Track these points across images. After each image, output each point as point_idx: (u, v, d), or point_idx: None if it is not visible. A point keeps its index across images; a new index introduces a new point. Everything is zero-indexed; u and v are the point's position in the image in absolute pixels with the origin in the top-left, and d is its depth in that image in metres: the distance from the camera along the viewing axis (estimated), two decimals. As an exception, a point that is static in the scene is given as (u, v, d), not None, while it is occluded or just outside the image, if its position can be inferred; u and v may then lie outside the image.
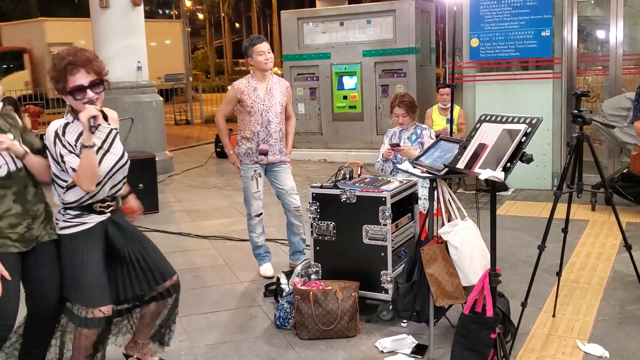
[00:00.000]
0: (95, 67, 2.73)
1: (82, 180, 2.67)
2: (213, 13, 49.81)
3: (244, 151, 4.71)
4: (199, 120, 19.28)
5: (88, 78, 2.71)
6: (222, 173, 9.76)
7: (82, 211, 2.81)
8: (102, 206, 2.84)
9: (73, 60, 2.68)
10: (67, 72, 2.67)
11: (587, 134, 3.35)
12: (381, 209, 3.73)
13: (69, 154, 2.70)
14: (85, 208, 2.81)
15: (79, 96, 2.70)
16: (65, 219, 2.82)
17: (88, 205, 2.81)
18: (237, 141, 4.79)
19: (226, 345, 3.63)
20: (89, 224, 2.82)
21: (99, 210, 2.83)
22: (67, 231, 2.81)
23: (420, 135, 4.64)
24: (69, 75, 2.68)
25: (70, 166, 2.68)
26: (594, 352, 3.35)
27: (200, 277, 4.83)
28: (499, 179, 2.61)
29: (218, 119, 4.87)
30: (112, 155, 2.83)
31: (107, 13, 9.17)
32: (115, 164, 2.83)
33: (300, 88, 10.56)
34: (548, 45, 7.28)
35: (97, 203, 2.82)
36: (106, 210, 2.86)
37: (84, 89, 2.70)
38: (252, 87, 4.60)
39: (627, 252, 3.59)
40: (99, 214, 2.84)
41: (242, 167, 4.75)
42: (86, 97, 2.70)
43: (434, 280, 3.28)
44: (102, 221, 2.85)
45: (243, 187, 4.83)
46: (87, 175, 2.67)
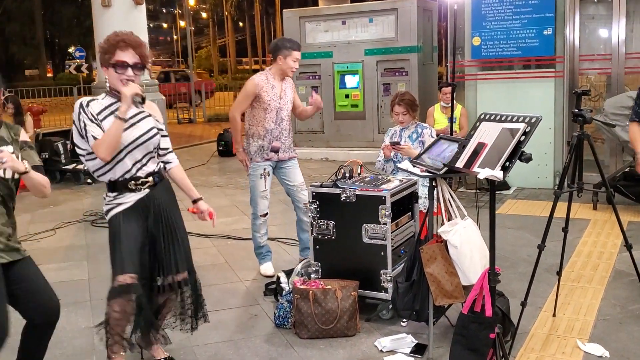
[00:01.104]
0: (142, 52, 2.95)
1: (100, 147, 2.83)
2: (216, 12, 49.83)
3: (255, 149, 4.68)
4: (202, 119, 19.29)
5: (134, 58, 2.91)
6: (224, 172, 9.76)
7: (119, 191, 2.96)
8: (137, 184, 2.97)
9: (127, 39, 2.92)
10: (117, 46, 2.89)
11: (587, 132, 3.34)
12: (381, 208, 3.72)
13: (92, 123, 2.87)
14: (120, 186, 2.95)
15: (120, 70, 2.89)
16: (107, 201, 3.01)
17: (122, 182, 2.95)
18: (246, 138, 4.75)
19: (225, 345, 3.63)
20: (126, 203, 2.96)
21: (135, 188, 2.96)
22: (110, 214, 2.99)
23: (421, 134, 4.63)
24: (119, 50, 2.89)
25: (92, 134, 2.86)
26: (594, 351, 3.34)
27: (200, 276, 4.77)
28: (498, 178, 2.61)
29: (235, 115, 4.76)
30: (137, 129, 2.97)
31: (109, 12, 9.16)
32: (140, 137, 2.96)
33: (302, 87, 10.54)
34: (550, 43, 7.26)
35: (130, 181, 2.95)
36: (142, 187, 2.99)
37: (127, 65, 2.89)
38: (270, 85, 4.60)
39: (628, 251, 3.57)
40: (134, 192, 2.97)
41: (252, 165, 4.72)
42: (125, 73, 2.89)
43: (434, 279, 3.28)
44: (141, 199, 2.98)
45: (250, 186, 4.79)
46: (108, 143, 2.83)
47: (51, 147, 8.91)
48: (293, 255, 5.18)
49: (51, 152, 8.91)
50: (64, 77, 30.27)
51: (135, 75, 2.92)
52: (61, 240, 6.04)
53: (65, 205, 7.51)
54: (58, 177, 8.95)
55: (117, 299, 2.94)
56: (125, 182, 2.97)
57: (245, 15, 52.92)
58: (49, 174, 8.96)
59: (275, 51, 4.57)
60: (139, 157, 2.98)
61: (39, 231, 6.28)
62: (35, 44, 36.92)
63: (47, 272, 4.94)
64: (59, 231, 6.35)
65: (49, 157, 8.92)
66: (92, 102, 2.94)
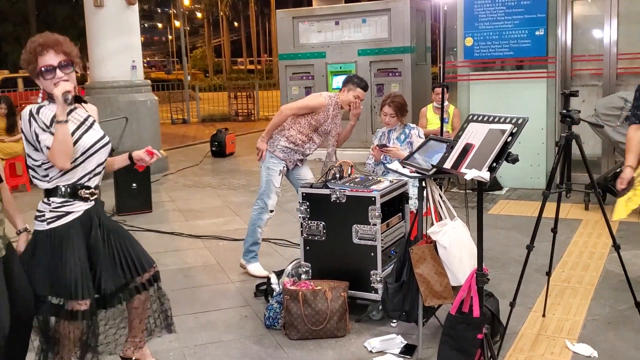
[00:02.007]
0: (65, 48, 2.79)
1: (56, 157, 2.67)
2: (211, 12, 49.78)
3: (282, 147, 4.68)
4: (196, 120, 19.26)
5: (57, 58, 2.76)
6: (217, 172, 9.75)
7: (67, 197, 2.78)
8: (87, 193, 2.83)
9: (42, 42, 2.76)
10: (37, 53, 2.74)
11: (576, 133, 3.34)
12: (371, 208, 3.72)
13: (43, 132, 2.71)
14: (72, 194, 2.79)
15: (48, 76, 2.75)
16: (52, 208, 2.78)
17: (73, 188, 2.79)
18: (278, 137, 4.70)
19: (215, 346, 3.62)
20: (75, 213, 2.79)
21: (85, 196, 2.82)
22: (53, 224, 2.76)
23: (408, 135, 4.63)
24: (39, 56, 2.74)
25: (45, 145, 2.70)
26: (582, 352, 3.34)
27: (191, 277, 4.83)
28: (485, 179, 2.61)
29: (287, 114, 4.66)
30: (94, 132, 2.86)
31: (101, 12, 9.16)
32: (97, 142, 2.85)
33: (296, 87, 10.55)
34: (542, 44, 7.28)
35: (82, 188, 2.81)
36: (91, 197, 2.85)
37: (53, 68, 2.75)
38: (337, 111, 4.65)
39: (621, 251, 3.57)
40: (84, 201, 2.82)
41: (273, 160, 4.70)
42: (56, 77, 2.75)
43: (423, 280, 3.28)
44: (88, 210, 2.83)
45: (266, 179, 4.71)
46: (61, 150, 2.67)
47: (43, 147, 8.85)
48: (284, 256, 5.17)
49: (43, 153, 8.85)
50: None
51: (66, 75, 2.76)
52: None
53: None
54: (50, 177, 8.89)
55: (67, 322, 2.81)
56: (77, 189, 2.80)
57: (240, 15, 52.89)
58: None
59: (346, 82, 4.64)
60: (92, 167, 2.85)
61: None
62: (29, 44, 36.77)
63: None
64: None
65: (41, 158, 8.86)
66: (42, 108, 2.77)
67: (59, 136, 2.66)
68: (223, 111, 20.16)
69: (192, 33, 57.84)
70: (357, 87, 4.57)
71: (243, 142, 13.08)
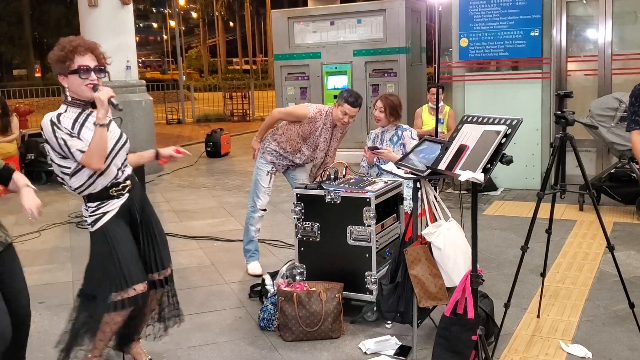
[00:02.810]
0: (100, 55, 2.89)
1: (92, 159, 2.75)
2: (207, 12, 49.71)
3: (272, 150, 4.69)
4: (191, 120, 19.23)
5: (94, 62, 2.84)
6: (212, 173, 9.73)
7: (101, 200, 2.89)
8: (118, 190, 2.92)
9: (83, 44, 2.84)
10: (76, 52, 2.80)
11: (570, 134, 3.34)
12: (365, 209, 3.71)
13: (71, 138, 2.78)
14: (101, 196, 2.89)
15: (84, 75, 2.80)
16: (89, 213, 2.91)
17: (102, 191, 2.89)
18: (271, 136, 4.72)
19: (209, 347, 3.61)
20: (111, 211, 2.90)
21: (117, 194, 2.91)
22: (97, 225, 2.89)
23: (401, 136, 4.62)
24: (77, 55, 2.80)
25: (77, 149, 2.77)
26: (577, 353, 3.34)
27: (185, 278, 4.81)
28: (479, 181, 2.60)
29: (276, 117, 4.70)
30: (112, 134, 2.92)
31: (95, 12, 9.13)
32: (116, 143, 2.92)
33: (291, 87, 10.53)
34: (537, 45, 7.29)
35: (111, 188, 2.90)
36: (123, 192, 2.94)
37: (90, 70, 2.81)
38: (328, 126, 4.56)
39: (616, 252, 3.58)
40: (117, 198, 2.91)
41: (262, 161, 4.73)
42: (89, 78, 2.81)
43: (418, 281, 3.27)
44: (124, 204, 2.93)
45: (254, 179, 4.79)
46: (99, 153, 2.76)
47: (37, 148, 8.83)
48: (279, 257, 5.16)
49: (37, 153, 8.82)
50: (52, 78, 30.10)
51: (98, 80, 2.84)
52: (45, 242, 6.00)
53: (51, 207, 7.45)
54: (44, 178, 8.88)
55: (122, 311, 2.91)
56: (106, 189, 2.90)
57: (235, 15, 52.82)
58: (35, 175, 8.95)
59: (337, 97, 4.54)
60: (119, 164, 2.93)
61: (23, 233, 6.23)
62: (23, 44, 36.65)
63: (30, 274, 4.93)
64: (43, 233, 6.30)
65: (35, 158, 8.85)
66: (61, 116, 2.83)
67: (97, 139, 2.75)
68: (218, 111, 20.12)
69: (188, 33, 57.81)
70: (344, 102, 4.41)
71: (238, 142, 13.07)
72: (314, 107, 4.58)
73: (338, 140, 4.72)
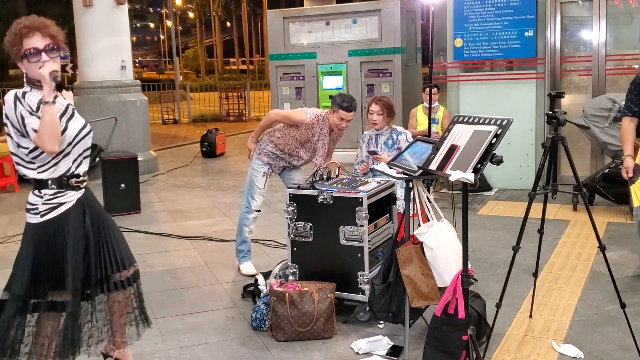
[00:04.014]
0: (51, 31, 2.74)
1: (44, 139, 2.60)
2: (203, 12, 49.68)
3: (268, 152, 4.69)
4: (187, 120, 19.21)
5: (43, 42, 2.70)
6: (207, 173, 9.72)
7: (58, 188, 2.75)
8: (77, 181, 2.81)
9: (28, 24, 2.70)
10: (22, 35, 2.68)
11: (562, 135, 3.35)
12: (358, 209, 3.71)
13: (30, 115, 2.65)
14: (61, 183, 2.76)
15: (33, 59, 2.68)
16: (44, 200, 2.74)
17: (61, 179, 2.76)
18: (268, 137, 4.71)
19: (201, 347, 3.60)
20: (68, 203, 2.77)
21: (75, 185, 2.80)
22: (47, 217, 2.74)
23: (396, 140, 4.62)
24: (25, 38, 2.68)
25: (32, 127, 2.62)
26: (568, 352, 3.35)
27: (179, 278, 4.80)
28: (469, 181, 2.60)
29: (273, 119, 4.67)
30: (76, 122, 2.81)
31: (90, 12, 9.12)
32: (81, 130, 2.81)
33: (286, 87, 10.54)
34: (531, 45, 7.31)
35: (72, 178, 2.78)
36: (81, 185, 2.83)
37: (39, 52, 2.69)
38: (325, 131, 4.53)
39: (609, 252, 3.58)
40: (75, 190, 2.80)
41: (258, 162, 4.73)
42: (41, 60, 2.69)
43: (410, 281, 3.27)
44: (80, 199, 2.82)
45: (249, 180, 4.77)
46: (50, 133, 2.60)
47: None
48: (272, 257, 5.16)
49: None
50: (48, 77, 30.07)
51: (51, 59, 2.69)
52: (39, 242, 5.97)
53: (45, 207, 7.43)
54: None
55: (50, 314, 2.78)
56: (67, 179, 2.77)
57: (232, 15, 52.81)
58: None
59: (331, 103, 4.52)
60: (79, 153, 2.81)
61: (17, 233, 6.21)
62: (19, 44, 36.60)
63: (23, 274, 4.91)
64: (37, 233, 6.27)
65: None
66: (26, 94, 2.71)
67: (46, 118, 2.60)
68: (214, 111, 20.12)
69: (185, 33, 57.71)
70: (339, 108, 4.40)
71: (234, 142, 13.06)
72: (310, 113, 4.55)
73: (334, 141, 4.71)
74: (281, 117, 4.69)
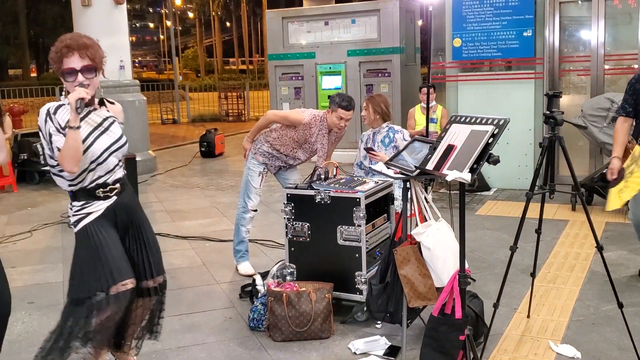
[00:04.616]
0: (90, 53, 2.79)
1: (64, 160, 2.70)
2: (203, 12, 49.66)
3: (264, 151, 4.68)
4: (186, 120, 19.21)
5: (81, 62, 2.76)
6: (206, 173, 9.71)
7: (86, 199, 2.83)
8: (105, 191, 2.86)
9: (69, 44, 2.77)
10: (62, 54, 2.76)
11: (559, 134, 3.34)
12: (355, 209, 3.71)
13: (57, 133, 2.74)
14: (88, 195, 2.84)
15: (70, 78, 2.76)
16: (74, 212, 2.85)
17: (89, 191, 2.83)
18: (264, 137, 4.70)
19: (198, 348, 3.60)
20: (95, 212, 2.84)
21: (103, 195, 2.86)
22: (80, 225, 2.83)
23: (393, 138, 4.62)
24: (64, 58, 2.76)
25: (57, 146, 2.73)
26: (566, 352, 3.34)
27: (176, 278, 4.79)
28: (466, 180, 2.60)
29: (271, 119, 4.67)
30: (108, 136, 2.86)
31: (89, 12, 9.11)
32: (112, 144, 2.86)
33: (285, 87, 10.53)
34: (530, 45, 7.30)
35: (98, 188, 2.84)
36: (111, 194, 2.88)
37: (75, 72, 2.76)
38: (324, 131, 4.52)
39: (607, 252, 3.58)
40: (103, 200, 2.86)
41: (254, 162, 4.72)
42: (77, 80, 2.76)
43: (407, 281, 3.26)
44: (110, 207, 2.87)
45: (245, 179, 4.78)
46: (70, 156, 2.69)
47: (30, 148, 8.81)
48: (271, 257, 5.15)
49: (30, 153, 8.80)
50: (47, 77, 30.03)
51: (87, 79, 2.76)
52: (37, 242, 5.97)
53: (43, 207, 7.44)
54: (37, 178, 8.85)
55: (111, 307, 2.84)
56: (93, 190, 2.84)
57: (232, 15, 52.79)
58: (28, 175, 8.91)
59: (329, 103, 4.52)
60: (111, 166, 2.86)
61: (15, 233, 6.21)
62: (18, 44, 36.55)
63: (21, 274, 4.94)
64: (35, 233, 6.27)
65: (28, 158, 8.82)
66: (59, 108, 2.80)
67: (69, 141, 2.69)
68: (213, 111, 20.11)
69: (184, 33, 57.69)
70: (337, 107, 4.40)
71: (233, 142, 13.05)
72: (308, 113, 4.55)
73: (333, 143, 4.70)
74: (279, 117, 4.68)
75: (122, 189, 2.95)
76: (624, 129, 4.04)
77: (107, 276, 2.81)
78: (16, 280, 4.75)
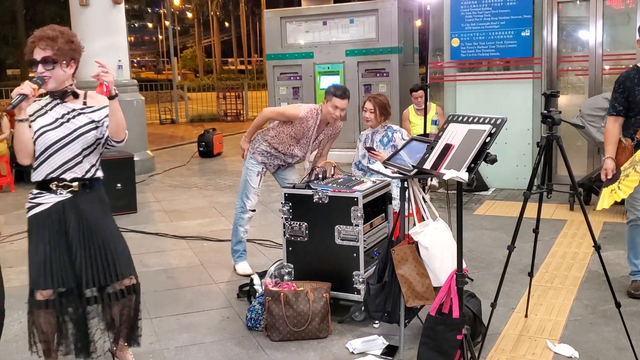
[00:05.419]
0: (50, 44, 2.78)
1: (16, 152, 2.80)
2: (202, 12, 49.63)
3: (262, 150, 4.68)
4: (184, 120, 19.19)
5: (42, 54, 2.77)
6: (204, 173, 9.71)
7: (39, 190, 2.87)
8: (59, 185, 2.85)
9: (35, 35, 2.80)
10: (30, 46, 2.80)
11: (557, 134, 3.34)
12: (353, 209, 3.71)
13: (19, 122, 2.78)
14: (42, 186, 2.87)
15: (33, 69, 2.79)
16: (29, 199, 2.90)
17: (44, 182, 2.86)
18: (261, 136, 4.70)
19: (196, 347, 3.59)
20: (44, 204, 2.85)
21: (55, 189, 2.86)
22: (29, 213, 2.89)
23: (392, 138, 4.62)
24: (31, 49, 2.80)
25: None
26: (563, 352, 3.34)
27: (174, 278, 4.79)
28: (463, 179, 2.60)
29: (267, 116, 4.67)
30: (65, 127, 2.84)
31: (87, 11, 9.10)
32: (66, 136, 2.83)
33: (283, 87, 10.53)
34: (528, 45, 7.31)
35: (52, 182, 2.85)
36: (64, 190, 2.86)
37: (36, 63, 2.78)
38: (313, 121, 4.51)
39: (605, 252, 3.58)
40: (54, 194, 2.86)
41: (252, 161, 4.71)
42: (37, 71, 2.78)
43: (405, 280, 3.26)
44: (60, 202, 2.85)
45: (243, 179, 4.76)
46: (18, 148, 2.77)
47: (28, 147, 8.79)
48: (269, 257, 5.15)
49: (28, 153, 8.78)
50: (46, 77, 30.04)
51: (47, 70, 2.75)
52: (35, 242, 5.96)
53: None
54: (35, 178, 8.83)
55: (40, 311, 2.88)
56: (47, 182, 2.84)
57: (230, 15, 52.77)
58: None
59: (325, 94, 4.50)
60: (66, 159, 2.83)
61: (13, 233, 6.19)
62: (17, 44, 36.50)
63: (19, 274, 4.93)
64: (33, 233, 6.25)
65: (26, 158, 8.79)
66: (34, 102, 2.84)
67: (16, 134, 2.76)
68: (212, 111, 20.10)
69: (183, 33, 57.71)
70: (332, 96, 4.40)
71: (231, 142, 13.04)
72: (305, 107, 4.55)
73: (329, 138, 4.70)
74: (275, 113, 4.69)
75: (82, 191, 2.89)
76: (615, 129, 4.01)
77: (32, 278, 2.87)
78: (13, 280, 4.74)
